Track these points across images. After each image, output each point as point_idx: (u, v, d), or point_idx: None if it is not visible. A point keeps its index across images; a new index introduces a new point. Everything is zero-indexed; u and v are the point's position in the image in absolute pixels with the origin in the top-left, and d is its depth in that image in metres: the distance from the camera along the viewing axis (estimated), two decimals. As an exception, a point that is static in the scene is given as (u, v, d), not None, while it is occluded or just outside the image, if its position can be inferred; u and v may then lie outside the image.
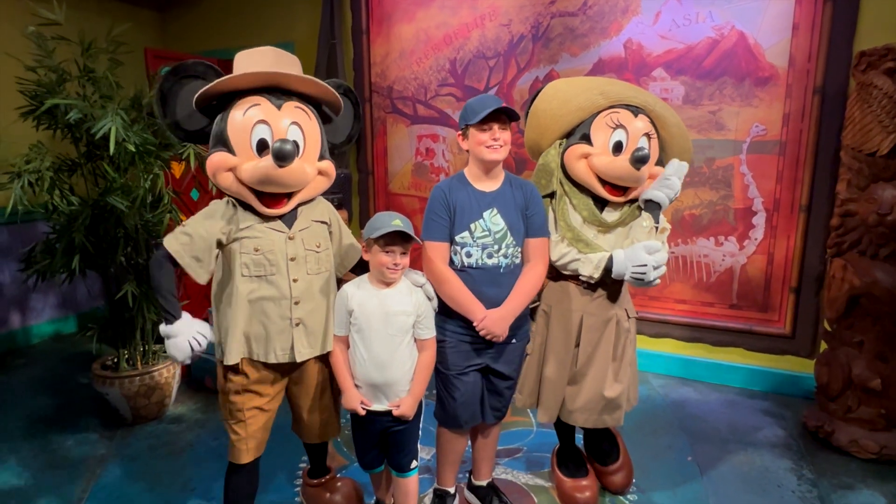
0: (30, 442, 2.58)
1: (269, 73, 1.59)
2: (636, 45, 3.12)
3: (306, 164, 1.64)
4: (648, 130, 1.84)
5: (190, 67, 1.67)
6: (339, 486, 2.04)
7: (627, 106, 1.84)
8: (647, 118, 1.85)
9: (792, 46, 2.81)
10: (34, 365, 3.50)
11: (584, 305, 1.90)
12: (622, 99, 1.84)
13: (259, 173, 1.56)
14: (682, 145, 1.95)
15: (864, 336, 2.44)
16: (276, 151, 1.50)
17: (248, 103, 1.60)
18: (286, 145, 1.50)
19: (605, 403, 1.91)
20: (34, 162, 2.39)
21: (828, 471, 2.34)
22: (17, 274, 3.41)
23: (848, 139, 2.45)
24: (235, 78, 1.58)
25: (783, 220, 2.96)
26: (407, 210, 3.92)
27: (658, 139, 1.89)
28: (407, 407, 1.69)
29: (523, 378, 2.00)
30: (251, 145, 1.59)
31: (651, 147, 1.84)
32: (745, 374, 3.13)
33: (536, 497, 2.16)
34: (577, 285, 1.90)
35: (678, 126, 1.92)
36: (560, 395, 1.95)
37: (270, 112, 1.60)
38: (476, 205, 1.77)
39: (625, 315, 1.94)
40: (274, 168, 1.54)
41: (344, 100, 1.84)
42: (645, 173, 1.82)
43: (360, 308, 1.67)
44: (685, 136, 1.95)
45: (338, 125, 1.89)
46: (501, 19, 3.44)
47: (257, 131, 1.59)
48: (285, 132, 1.61)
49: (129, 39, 2.65)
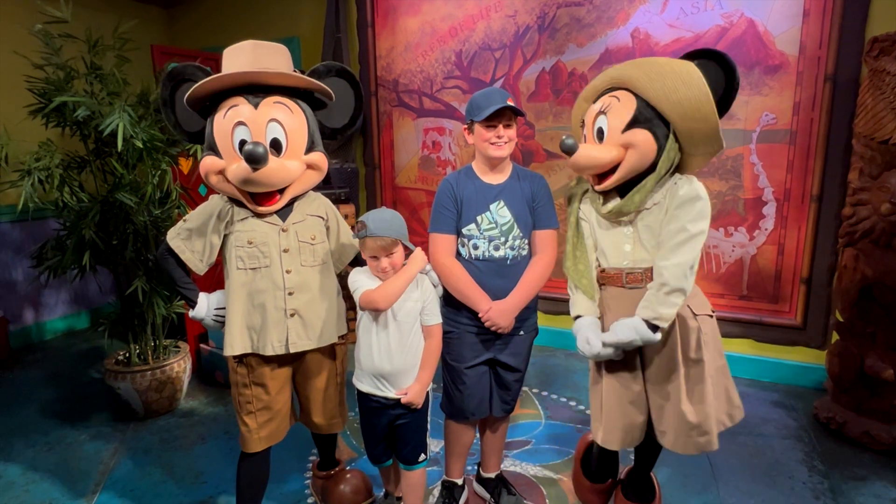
0: (44, 436, 2.62)
1: (239, 73, 1.56)
2: (644, 34, 3.08)
3: (289, 161, 1.61)
4: (601, 107, 1.59)
5: (183, 71, 1.66)
6: (349, 478, 2.05)
7: (601, 95, 1.63)
8: (620, 91, 1.57)
9: (802, 33, 2.77)
10: (47, 360, 3.55)
11: (633, 309, 1.58)
12: (595, 90, 1.66)
13: (238, 175, 1.55)
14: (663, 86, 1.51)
15: (877, 327, 2.41)
16: (247, 155, 1.47)
17: (227, 105, 1.60)
18: (257, 148, 1.47)
19: (688, 424, 1.58)
20: (44, 160, 2.41)
21: (839, 462, 2.32)
22: (30, 270, 3.46)
23: (860, 127, 2.41)
24: (209, 82, 1.57)
25: (794, 210, 2.93)
26: (414, 203, 3.93)
27: (653, 105, 1.53)
28: (414, 394, 1.69)
29: (593, 404, 1.76)
30: (233, 147, 1.59)
31: (610, 119, 1.56)
32: (756, 365, 3.11)
33: (545, 489, 2.16)
34: (616, 286, 1.66)
35: (650, 75, 1.52)
36: (634, 417, 1.67)
37: (248, 112, 1.58)
38: (483, 197, 1.77)
39: (688, 312, 1.61)
40: (249, 170, 1.51)
41: (340, 81, 1.79)
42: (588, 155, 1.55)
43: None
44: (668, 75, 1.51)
45: (335, 109, 1.81)
46: (507, 10, 3.42)
47: (237, 133, 1.58)
48: (263, 131, 1.58)
49: (135, 36, 2.66)
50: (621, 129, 1.55)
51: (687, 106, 1.51)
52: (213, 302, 1.75)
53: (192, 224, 1.68)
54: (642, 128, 1.54)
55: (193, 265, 1.69)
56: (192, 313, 1.75)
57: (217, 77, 1.57)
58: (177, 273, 1.72)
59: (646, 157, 1.55)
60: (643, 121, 1.55)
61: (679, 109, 1.52)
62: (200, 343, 3.21)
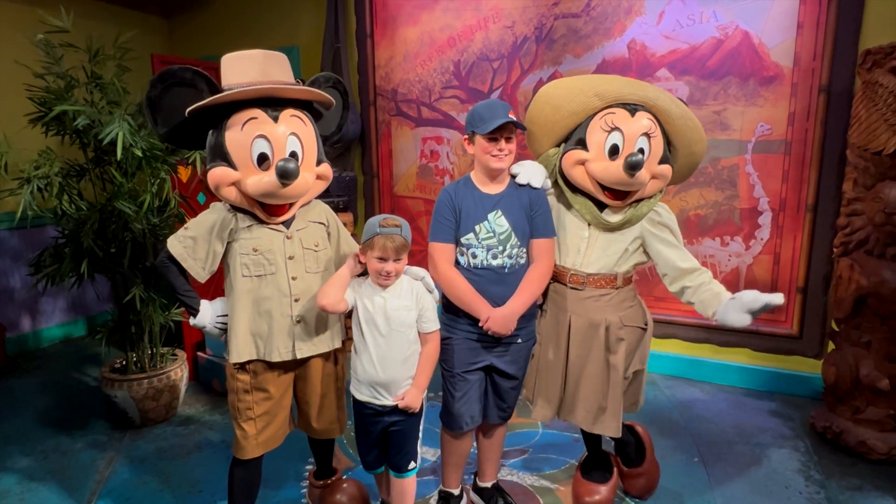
0: (40, 444, 2.61)
1: (266, 87, 1.57)
2: (640, 45, 3.12)
3: (306, 173, 1.64)
4: (647, 129, 1.72)
5: (177, 74, 1.61)
6: (345, 488, 2.04)
7: (625, 105, 1.74)
8: (648, 114, 1.74)
9: (797, 45, 2.80)
10: (44, 368, 3.54)
11: (572, 305, 1.86)
12: (619, 98, 1.74)
13: (263, 188, 1.57)
14: (689, 137, 1.79)
15: (872, 336, 2.42)
16: (281, 171, 1.51)
17: (244, 117, 1.59)
18: (289, 164, 1.51)
19: (599, 410, 1.86)
20: (43, 168, 2.42)
21: (836, 472, 2.33)
22: (28, 278, 3.45)
23: (854, 138, 2.44)
24: (234, 94, 1.56)
25: (789, 220, 2.95)
26: (412, 212, 3.94)
27: (665, 133, 1.78)
28: (411, 398, 1.70)
29: (527, 372, 2.00)
30: (252, 160, 1.59)
31: (652, 146, 1.73)
32: (752, 374, 3.12)
33: (542, 498, 2.15)
34: (564, 285, 1.88)
35: (684, 118, 1.76)
36: (553, 394, 1.92)
37: (268, 125, 1.59)
38: (481, 207, 1.79)
39: (618, 322, 1.83)
40: (278, 185, 1.55)
41: (334, 91, 1.83)
42: (643, 177, 1.71)
43: (362, 306, 1.68)
44: (694, 127, 1.79)
45: (327, 117, 1.86)
46: (505, 21, 3.45)
47: (257, 146, 1.58)
48: (284, 145, 1.60)
49: (135, 46, 2.67)
50: (658, 160, 1.76)
51: (694, 160, 1.87)
52: (216, 309, 1.75)
53: (194, 232, 1.67)
54: (668, 164, 1.79)
55: (195, 273, 1.68)
56: (194, 321, 1.75)
57: (241, 91, 1.56)
58: (178, 281, 1.72)
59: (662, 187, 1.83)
60: (665, 156, 1.79)
61: (690, 158, 1.86)
62: (198, 351, 3.21)
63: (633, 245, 1.83)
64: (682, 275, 1.77)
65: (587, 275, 1.84)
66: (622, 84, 1.77)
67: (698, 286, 1.75)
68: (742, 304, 1.61)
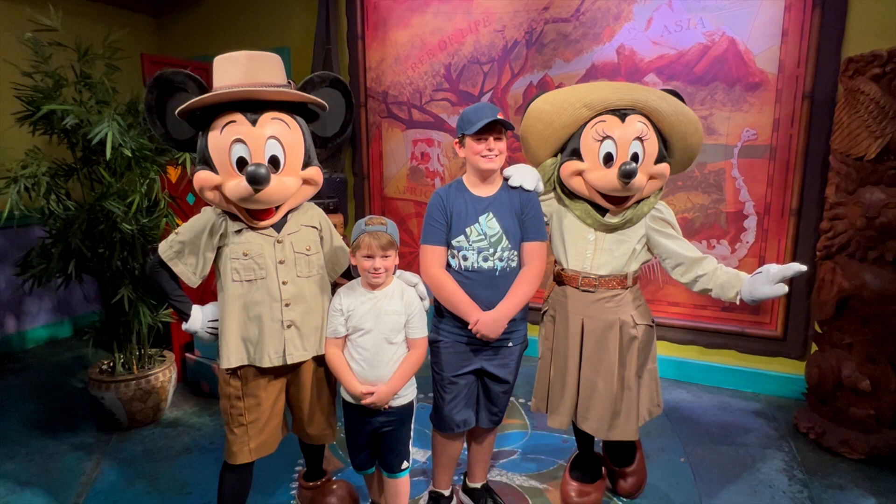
0: (25, 447, 2.58)
1: (238, 91, 1.54)
2: (629, 50, 3.15)
3: (287, 178, 1.62)
4: (639, 133, 1.74)
5: (172, 78, 1.61)
6: (335, 489, 2.05)
7: (614, 111, 1.77)
8: (640, 116, 1.76)
9: (781, 52, 2.85)
10: (29, 369, 3.49)
11: (584, 308, 1.88)
12: (608, 105, 1.77)
13: (239, 193, 1.56)
14: (683, 130, 1.80)
15: (854, 338, 2.47)
16: (250, 177, 1.49)
17: (224, 120, 1.57)
18: (260, 170, 1.49)
19: (614, 414, 1.87)
20: (31, 167, 2.40)
21: (819, 471, 2.37)
22: (13, 278, 3.42)
23: (836, 144, 2.49)
24: (208, 98, 1.54)
25: (774, 224, 3.00)
26: (402, 214, 3.95)
27: (660, 131, 1.81)
28: (379, 394, 1.67)
29: (536, 382, 2.03)
30: (231, 164, 1.58)
31: (646, 148, 1.75)
32: (738, 375, 3.16)
33: (531, 499, 2.17)
34: (576, 288, 1.90)
35: (676, 113, 1.77)
36: (568, 400, 1.92)
37: (246, 129, 1.57)
38: (472, 209, 1.80)
39: (630, 321, 1.87)
40: (251, 190, 1.53)
41: (333, 91, 1.80)
42: (639, 183, 1.74)
43: (353, 310, 1.69)
44: (687, 120, 1.79)
45: (327, 118, 1.81)
46: (495, 25, 3.48)
47: (235, 150, 1.57)
48: (262, 149, 1.58)
49: (125, 45, 2.66)
50: (654, 161, 1.78)
51: (692, 151, 1.87)
52: (207, 314, 1.74)
53: (184, 237, 1.67)
54: (665, 161, 1.82)
55: (187, 278, 1.68)
56: (186, 326, 1.74)
57: (214, 94, 1.54)
58: (169, 286, 1.72)
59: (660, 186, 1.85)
60: (661, 155, 1.80)
61: (687, 151, 1.86)
62: (186, 352, 3.19)
63: (640, 244, 1.87)
64: (694, 263, 1.83)
65: (599, 277, 1.86)
66: (609, 90, 1.79)
67: (713, 272, 1.81)
68: (771, 276, 1.66)
